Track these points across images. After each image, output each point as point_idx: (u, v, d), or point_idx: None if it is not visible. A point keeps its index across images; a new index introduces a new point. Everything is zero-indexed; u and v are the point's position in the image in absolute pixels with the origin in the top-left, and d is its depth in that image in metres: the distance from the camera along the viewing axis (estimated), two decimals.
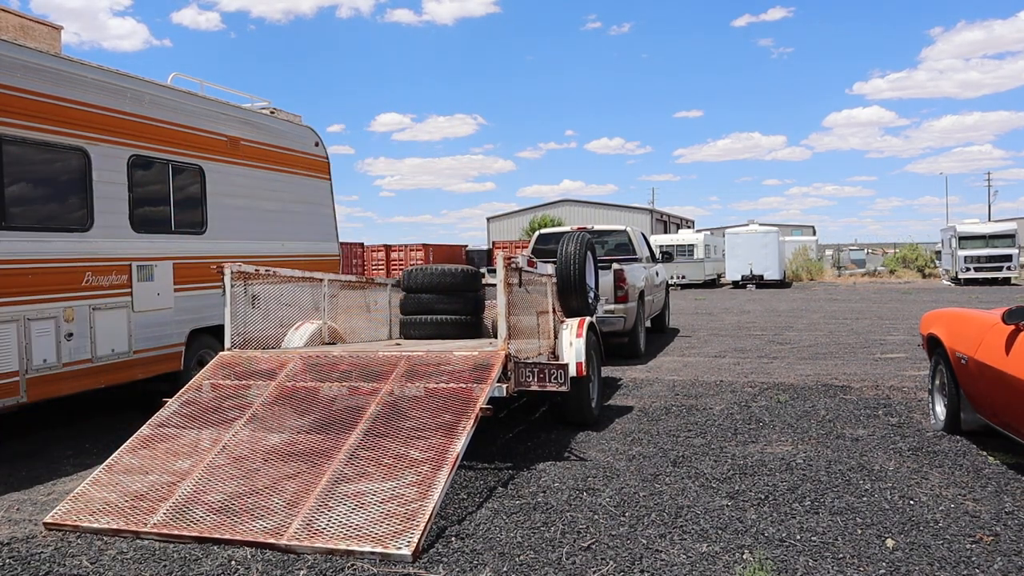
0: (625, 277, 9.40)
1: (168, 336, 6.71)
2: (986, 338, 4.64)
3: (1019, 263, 29.92)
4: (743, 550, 3.42)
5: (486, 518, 3.89)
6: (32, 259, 5.48)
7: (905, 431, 5.56)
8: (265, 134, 8.24)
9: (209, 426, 4.58)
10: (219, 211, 7.41)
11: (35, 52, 5.67)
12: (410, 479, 3.81)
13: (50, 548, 3.65)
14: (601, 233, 11.76)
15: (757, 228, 31.90)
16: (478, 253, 39.04)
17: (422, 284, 6.45)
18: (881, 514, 3.84)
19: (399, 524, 3.47)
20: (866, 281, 34.20)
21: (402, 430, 4.24)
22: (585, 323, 5.98)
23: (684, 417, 6.24)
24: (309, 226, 8.92)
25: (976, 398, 4.88)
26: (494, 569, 3.27)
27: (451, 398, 4.41)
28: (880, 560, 3.28)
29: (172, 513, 3.78)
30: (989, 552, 3.33)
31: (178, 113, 7.01)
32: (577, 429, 5.86)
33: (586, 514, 3.93)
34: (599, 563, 3.32)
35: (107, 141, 6.19)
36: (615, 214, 54.01)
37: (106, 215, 6.14)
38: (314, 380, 4.92)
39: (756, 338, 12.27)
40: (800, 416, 6.18)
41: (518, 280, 5.25)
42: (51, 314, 5.56)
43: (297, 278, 6.26)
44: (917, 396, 6.88)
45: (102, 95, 6.18)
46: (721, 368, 9.04)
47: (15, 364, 5.26)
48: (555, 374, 4.95)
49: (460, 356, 4.85)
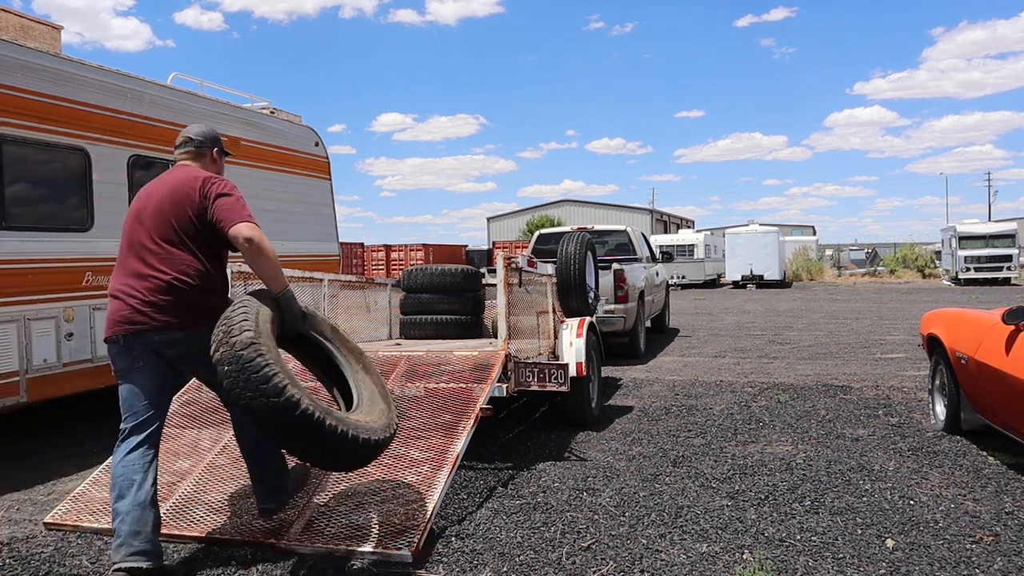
0: (625, 277, 9.40)
1: None
2: (986, 338, 4.64)
3: (1019, 263, 29.92)
4: (743, 550, 3.42)
5: (486, 518, 3.89)
6: (32, 259, 5.48)
7: (905, 431, 5.56)
8: (265, 134, 8.24)
9: (209, 426, 4.58)
10: None
11: (35, 52, 5.67)
12: (410, 479, 3.81)
13: (50, 548, 3.65)
14: (601, 233, 11.76)
15: (757, 228, 31.91)
16: (478, 253, 39.02)
17: (422, 284, 6.44)
18: (881, 514, 3.84)
19: (399, 524, 3.47)
20: (866, 281, 34.20)
21: (402, 430, 4.23)
22: (585, 323, 5.98)
23: (684, 417, 6.24)
24: (309, 226, 8.92)
25: (976, 398, 4.88)
26: (494, 569, 3.27)
27: (451, 398, 4.41)
28: (880, 560, 3.28)
29: (172, 513, 3.78)
30: (989, 552, 3.33)
31: (178, 113, 7.01)
32: (577, 429, 5.86)
33: (586, 514, 3.93)
34: (599, 563, 3.32)
35: (107, 141, 6.19)
36: (615, 214, 54.01)
37: (106, 215, 6.14)
38: (314, 380, 4.91)
39: (756, 338, 12.27)
40: (800, 416, 6.18)
41: (518, 280, 5.25)
42: (51, 314, 5.57)
43: (297, 278, 6.24)
44: (917, 396, 6.88)
45: (102, 95, 6.18)
46: (721, 368, 9.04)
47: (15, 364, 5.27)
48: (555, 374, 4.95)
49: (460, 356, 4.85)
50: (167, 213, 3.29)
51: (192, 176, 3.37)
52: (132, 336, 3.24)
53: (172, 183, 3.37)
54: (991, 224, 34.63)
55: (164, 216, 3.29)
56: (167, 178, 3.43)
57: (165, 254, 3.25)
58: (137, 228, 3.34)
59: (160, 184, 3.42)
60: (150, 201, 3.36)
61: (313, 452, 3.04)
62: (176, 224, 3.28)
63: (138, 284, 3.25)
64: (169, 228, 3.28)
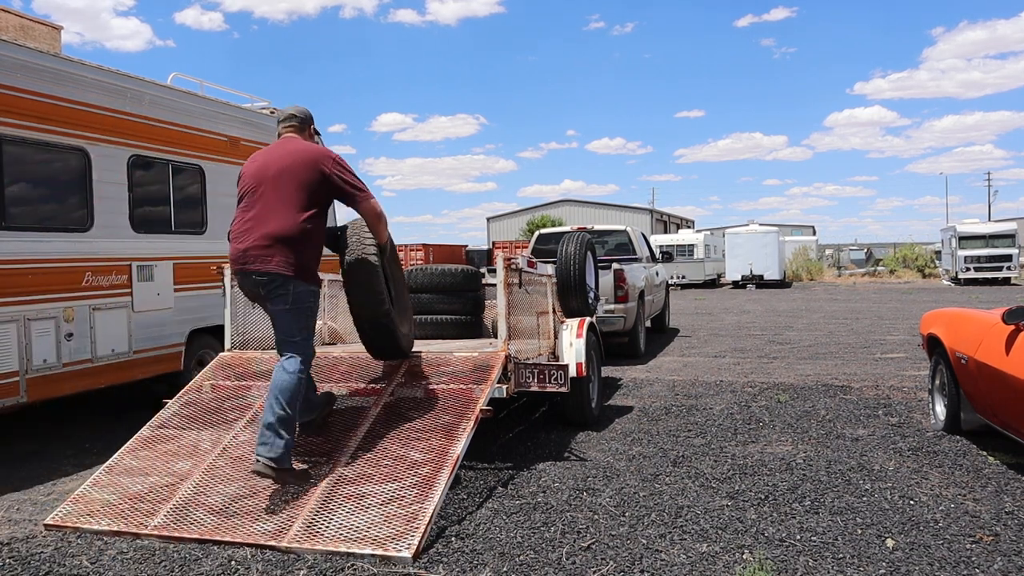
0: (625, 277, 9.40)
1: (168, 336, 6.71)
2: (986, 338, 4.64)
3: (1019, 263, 29.92)
4: (743, 550, 3.42)
5: (486, 518, 3.89)
6: (32, 259, 5.48)
7: (905, 431, 5.56)
8: (265, 134, 8.23)
9: (209, 427, 4.58)
10: (219, 211, 7.40)
11: (35, 52, 5.67)
12: (410, 481, 3.80)
13: (50, 548, 3.65)
14: (601, 233, 11.76)
15: (757, 228, 31.89)
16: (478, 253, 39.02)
17: (422, 284, 6.44)
18: (881, 514, 3.84)
19: (399, 526, 3.47)
20: (866, 281, 34.21)
21: (402, 431, 4.23)
22: (585, 323, 5.98)
23: (684, 417, 6.24)
24: None
25: (976, 398, 4.88)
26: (494, 569, 3.27)
27: (451, 399, 4.41)
28: (880, 560, 3.28)
29: (172, 515, 3.78)
30: (989, 552, 3.33)
31: (178, 113, 7.01)
32: (577, 429, 5.86)
33: (586, 514, 3.93)
34: (599, 563, 3.32)
35: (107, 141, 6.19)
36: (615, 214, 54.02)
37: (106, 215, 6.14)
38: (314, 381, 4.91)
39: (756, 338, 12.27)
40: (800, 416, 6.18)
41: (518, 280, 5.25)
42: (51, 314, 5.56)
43: None
44: (917, 396, 6.88)
45: (102, 95, 6.18)
46: (721, 368, 9.04)
47: (15, 364, 5.26)
48: (555, 375, 4.94)
49: (460, 357, 4.85)
50: (292, 176, 4.03)
51: (313, 148, 4.20)
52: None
53: (293, 152, 4.11)
54: (991, 224, 34.63)
55: (289, 178, 4.02)
56: (287, 146, 4.17)
57: (284, 210, 3.99)
58: (262, 186, 4.04)
59: (280, 152, 4.14)
60: (269, 168, 4.07)
61: (386, 346, 4.64)
62: (300, 185, 4.02)
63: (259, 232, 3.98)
64: (293, 188, 4.01)
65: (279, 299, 4.03)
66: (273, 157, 4.13)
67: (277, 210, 3.98)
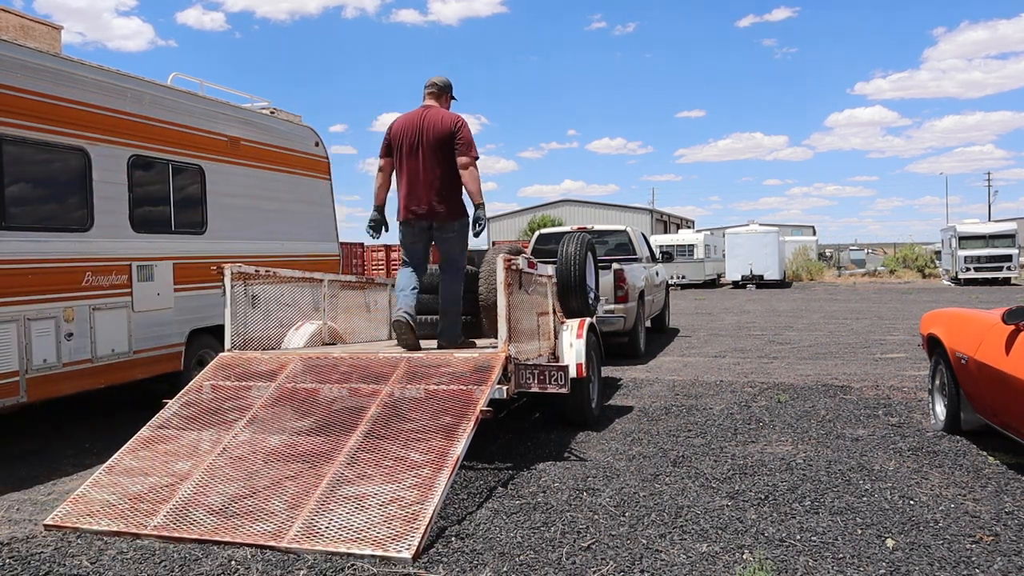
0: (625, 277, 9.40)
1: (168, 336, 6.71)
2: (986, 338, 4.64)
3: (1019, 263, 29.92)
4: (743, 550, 3.42)
5: (486, 518, 3.89)
6: (32, 259, 5.48)
7: (905, 431, 5.56)
8: (265, 134, 8.24)
9: (209, 427, 4.57)
10: (219, 211, 7.41)
11: (35, 52, 5.67)
12: (410, 481, 3.80)
13: (50, 548, 3.65)
14: (601, 233, 11.75)
15: (757, 228, 31.89)
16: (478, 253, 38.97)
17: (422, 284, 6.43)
18: (881, 514, 3.84)
19: (399, 527, 3.47)
20: (866, 281, 34.21)
21: (402, 432, 4.23)
22: (585, 324, 5.97)
23: (684, 417, 6.24)
24: (309, 226, 8.92)
25: (976, 398, 4.88)
26: (494, 569, 3.27)
27: (451, 400, 4.40)
28: (880, 560, 3.28)
29: (172, 515, 3.78)
30: (989, 552, 3.33)
31: (178, 113, 7.01)
32: (577, 429, 5.86)
33: (586, 514, 3.93)
34: (599, 563, 3.32)
35: (107, 141, 6.19)
36: (615, 214, 53.99)
37: (106, 215, 6.14)
38: (314, 381, 4.91)
39: (756, 338, 12.27)
40: (800, 416, 6.18)
41: (518, 281, 5.25)
42: (51, 314, 5.56)
43: (297, 278, 6.25)
44: (917, 396, 6.88)
45: (102, 95, 6.18)
46: (721, 368, 9.04)
47: (15, 364, 5.26)
48: (555, 376, 4.94)
49: (460, 358, 4.85)
50: (437, 139, 5.38)
51: (448, 115, 5.49)
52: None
53: (437, 120, 5.43)
54: (991, 224, 34.62)
55: (437, 141, 5.39)
56: (433, 115, 5.45)
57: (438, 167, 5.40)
58: (420, 148, 5.42)
59: (428, 119, 5.43)
60: (426, 133, 5.40)
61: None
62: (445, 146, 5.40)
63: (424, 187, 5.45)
64: (440, 149, 5.40)
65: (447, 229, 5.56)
66: (428, 123, 5.43)
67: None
